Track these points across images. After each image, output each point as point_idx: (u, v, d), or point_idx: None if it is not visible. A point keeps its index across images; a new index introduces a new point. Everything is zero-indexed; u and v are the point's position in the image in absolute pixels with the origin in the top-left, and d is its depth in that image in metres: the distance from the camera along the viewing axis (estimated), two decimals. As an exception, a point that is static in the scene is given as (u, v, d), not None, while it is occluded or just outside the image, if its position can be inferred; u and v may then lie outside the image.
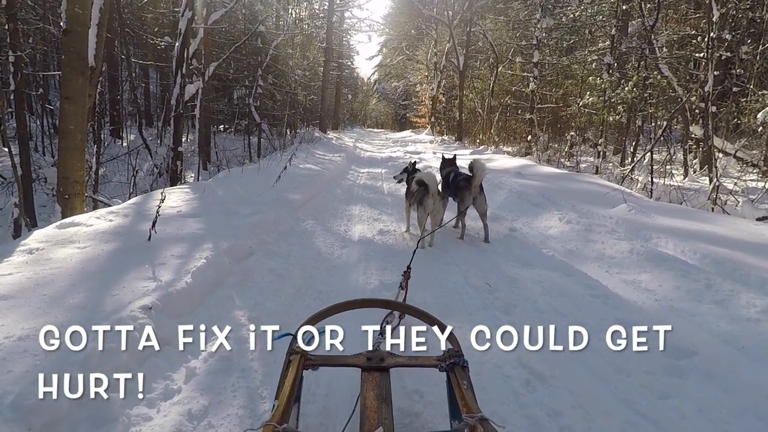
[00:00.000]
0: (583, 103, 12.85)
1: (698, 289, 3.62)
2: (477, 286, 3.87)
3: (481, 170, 5.29)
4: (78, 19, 5.52)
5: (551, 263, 4.49)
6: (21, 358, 2.13)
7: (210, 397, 2.23)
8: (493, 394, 2.40)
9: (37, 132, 12.78)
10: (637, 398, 2.39)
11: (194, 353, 2.56)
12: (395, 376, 2.04)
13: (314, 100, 23.53)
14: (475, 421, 1.50)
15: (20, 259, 3.38)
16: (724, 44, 10.28)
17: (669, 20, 13.73)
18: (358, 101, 45.50)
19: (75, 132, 5.66)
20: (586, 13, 15.53)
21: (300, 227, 5.52)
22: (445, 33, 23.76)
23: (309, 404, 2.26)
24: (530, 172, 9.84)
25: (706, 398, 2.36)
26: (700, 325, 3.18)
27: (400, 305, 2.59)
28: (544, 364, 2.64)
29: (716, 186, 7.27)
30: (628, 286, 3.96)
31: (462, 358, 1.93)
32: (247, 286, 3.61)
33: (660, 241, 4.76)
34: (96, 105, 7.89)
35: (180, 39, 9.06)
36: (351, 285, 3.95)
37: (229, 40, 16.42)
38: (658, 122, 11.70)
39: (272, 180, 7.27)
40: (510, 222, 6.13)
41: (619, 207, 6.00)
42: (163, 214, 4.52)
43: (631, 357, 2.74)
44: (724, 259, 4.07)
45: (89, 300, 2.77)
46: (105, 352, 2.21)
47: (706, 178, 9.45)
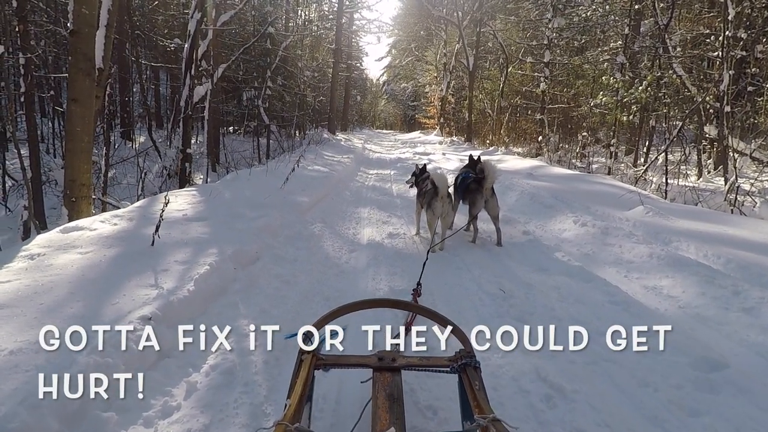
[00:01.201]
0: (595, 102, 12.66)
1: (725, 296, 3.44)
2: (491, 293, 3.72)
3: (493, 172, 5.15)
4: (85, 19, 5.45)
5: (567, 268, 4.33)
6: (11, 374, 2.02)
7: (211, 415, 2.11)
8: (510, 410, 2.26)
9: (48, 134, 12.83)
10: (666, 415, 2.24)
11: (195, 366, 2.44)
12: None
13: (323, 101, 23.48)
14: (488, 421, 1.47)
15: (20, 265, 3.29)
16: (740, 43, 10.05)
17: (682, 19, 13.49)
18: (367, 102, 45.48)
19: (82, 134, 5.59)
20: (598, 12, 15.33)
21: (307, 231, 5.41)
22: (455, 33, 23.62)
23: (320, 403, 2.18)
24: (542, 173, 9.67)
25: (741, 416, 2.20)
26: (729, 335, 3.02)
27: (410, 305, 2.54)
28: (563, 377, 2.50)
29: (735, 187, 7.06)
30: (649, 292, 3.80)
31: (474, 359, 1.92)
32: (253, 293, 3.49)
33: (680, 244, 4.59)
34: (105, 107, 7.86)
35: (189, 41, 9.02)
36: (360, 291, 3.82)
37: (238, 42, 16.39)
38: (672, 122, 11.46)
39: (280, 182, 7.17)
40: (523, 225, 5.98)
41: (635, 209, 5.82)
42: (168, 218, 4.43)
43: (656, 369, 2.61)
44: (751, 264, 3.89)
45: (88, 309, 2.67)
46: (101, 365, 2.10)
47: (720, 179, 9.23)
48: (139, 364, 2.33)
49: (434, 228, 5.00)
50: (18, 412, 1.73)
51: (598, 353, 2.76)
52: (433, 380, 2.39)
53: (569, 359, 2.70)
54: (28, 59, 7.78)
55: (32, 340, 2.29)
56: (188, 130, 9.31)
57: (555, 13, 15.41)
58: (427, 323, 2.71)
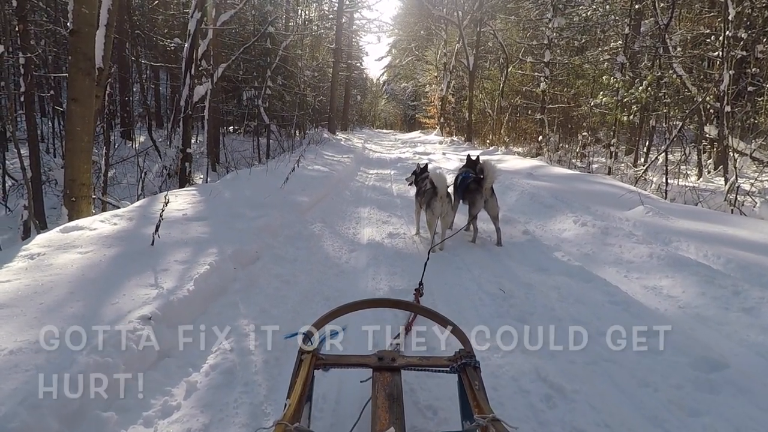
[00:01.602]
0: (595, 102, 12.66)
1: (725, 296, 3.44)
2: (491, 293, 3.72)
3: (493, 172, 5.15)
4: (85, 19, 5.44)
5: (567, 268, 4.32)
6: (11, 374, 2.01)
7: (211, 415, 2.10)
8: (510, 410, 2.26)
9: (48, 134, 12.83)
10: (666, 415, 2.23)
11: (195, 366, 2.44)
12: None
13: (323, 101, 23.46)
14: (487, 421, 1.47)
15: (20, 264, 3.28)
16: (740, 43, 10.04)
17: (682, 19, 13.48)
18: (367, 102, 45.46)
19: (82, 134, 5.59)
20: (598, 12, 15.32)
21: (308, 230, 5.40)
22: (455, 33, 23.61)
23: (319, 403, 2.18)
24: (542, 173, 9.66)
25: (741, 416, 2.20)
26: (729, 335, 3.02)
27: (410, 305, 2.55)
28: (563, 377, 2.50)
29: (735, 187, 7.06)
30: (649, 292, 3.80)
31: (473, 359, 1.91)
32: (253, 293, 3.49)
33: (680, 244, 4.59)
34: (105, 106, 7.86)
35: (189, 40, 9.01)
36: (360, 290, 3.81)
37: (238, 42, 16.39)
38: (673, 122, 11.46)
39: (280, 182, 7.17)
40: (523, 225, 5.97)
41: (635, 209, 5.82)
42: (168, 218, 4.42)
43: (656, 369, 2.61)
44: (751, 264, 3.89)
45: (88, 309, 2.66)
46: (101, 365, 2.10)
47: (720, 179, 9.23)
48: (139, 364, 2.33)
49: (434, 228, 5.00)
50: (18, 412, 1.73)
51: (598, 353, 2.77)
52: (433, 380, 2.39)
53: (569, 359, 2.70)
54: (28, 59, 7.78)
55: (32, 339, 2.29)
56: (188, 130, 9.30)
57: (555, 13, 15.40)
58: (427, 323, 2.72)
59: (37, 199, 7.26)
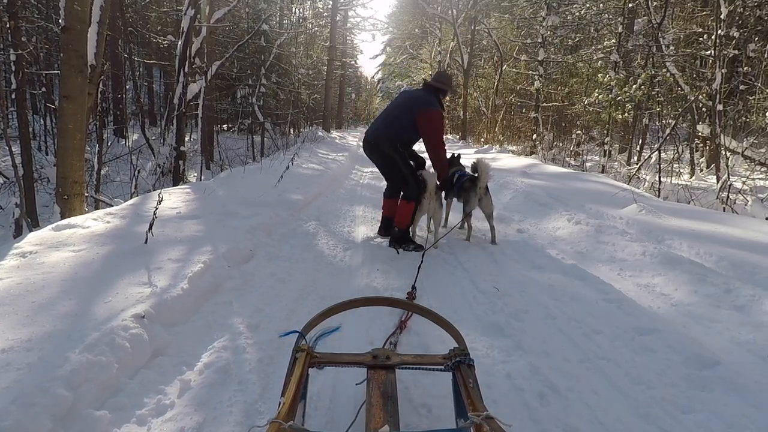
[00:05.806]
0: (589, 101, 12.71)
1: (717, 294, 3.46)
2: (485, 291, 3.72)
3: (486, 170, 5.15)
4: (77, 15, 5.40)
5: (561, 266, 4.34)
6: (3, 373, 1.99)
7: (205, 413, 2.09)
8: (504, 408, 2.26)
9: (41, 131, 12.73)
10: (659, 413, 2.25)
11: (189, 364, 2.43)
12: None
13: (318, 99, 23.44)
14: (481, 419, 1.46)
15: (12, 263, 3.26)
16: (732, 42, 10.11)
17: (675, 18, 13.56)
18: (361, 100, 45.47)
19: (74, 131, 5.55)
20: (592, 11, 15.38)
21: (302, 229, 5.39)
22: (450, 31, 23.63)
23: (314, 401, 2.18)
24: (536, 171, 9.68)
25: (734, 413, 2.21)
26: (720, 333, 3.03)
27: (405, 303, 2.56)
28: (557, 375, 2.51)
29: (727, 185, 7.10)
30: (642, 290, 3.82)
31: (468, 357, 1.91)
32: (247, 291, 3.48)
33: (673, 242, 4.61)
34: (98, 104, 7.80)
35: (182, 37, 8.96)
36: (354, 289, 3.81)
37: (232, 39, 16.33)
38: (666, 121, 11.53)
39: (274, 180, 7.15)
40: (517, 223, 5.99)
41: (629, 207, 5.84)
42: (161, 216, 4.40)
43: (650, 366, 2.62)
44: (742, 262, 3.91)
45: (80, 307, 2.65)
46: (94, 364, 2.09)
47: (712, 177, 9.30)
48: (132, 363, 2.32)
49: (417, 223, 5.17)
50: (10, 411, 1.71)
51: (592, 351, 2.78)
52: (428, 378, 2.39)
53: (563, 357, 2.71)
54: (20, 56, 7.72)
55: (24, 338, 2.27)
56: (182, 128, 9.26)
57: (549, 11, 15.45)
58: (422, 321, 2.72)
59: (29, 197, 7.21)
